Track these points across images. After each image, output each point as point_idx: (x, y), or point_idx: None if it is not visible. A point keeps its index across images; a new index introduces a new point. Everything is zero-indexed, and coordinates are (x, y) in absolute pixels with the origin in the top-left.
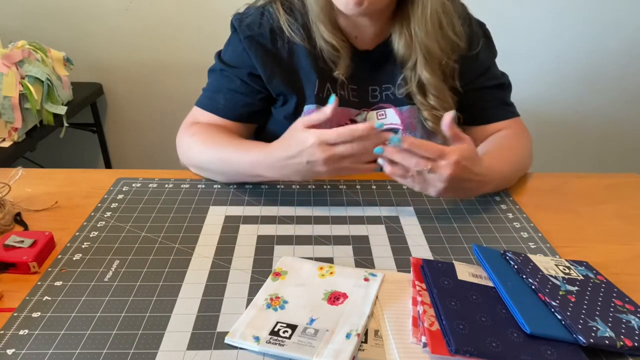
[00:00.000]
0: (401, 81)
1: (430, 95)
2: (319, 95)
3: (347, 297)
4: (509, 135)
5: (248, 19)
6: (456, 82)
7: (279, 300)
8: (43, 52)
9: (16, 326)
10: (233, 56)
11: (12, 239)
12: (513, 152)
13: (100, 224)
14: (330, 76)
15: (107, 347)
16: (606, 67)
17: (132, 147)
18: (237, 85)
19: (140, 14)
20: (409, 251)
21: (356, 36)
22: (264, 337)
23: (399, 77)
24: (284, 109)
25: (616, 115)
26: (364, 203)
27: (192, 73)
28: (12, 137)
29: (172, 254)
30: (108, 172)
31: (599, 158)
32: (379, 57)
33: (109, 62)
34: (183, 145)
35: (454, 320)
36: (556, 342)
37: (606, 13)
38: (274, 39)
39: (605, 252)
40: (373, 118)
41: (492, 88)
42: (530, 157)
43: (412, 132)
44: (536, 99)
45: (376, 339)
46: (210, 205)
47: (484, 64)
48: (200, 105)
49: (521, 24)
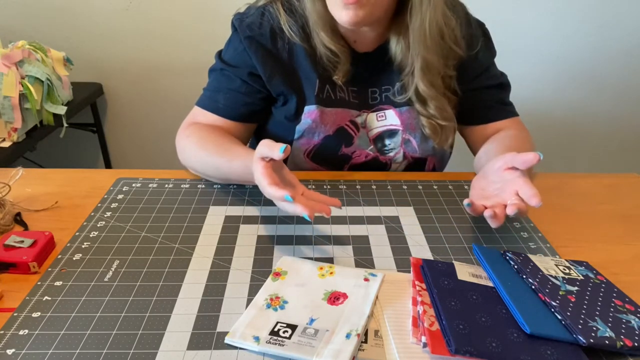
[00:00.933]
0: (400, 88)
1: (430, 104)
2: (319, 96)
3: (347, 297)
4: (513, 135)
5: (248, 19)
6: (455, 84)
7: (279, 300)
8: (43, 52)
9: (16, 326)
10: (233, 56)
11: (12, 239)
12: (525, 147)
13: (100, 224)
14: (330, 77)
15: (107, 347)
16: (606, 67)
17: (132, 147)
18: (238, 85)
19: (140, 14)
20: (409, 251)
21: (355, 40)
22: (264, 337)
23: (398, 83)
24: (285, 109)
25: (616, 115)
26: (364, 203)
27: (192, 73)
28: (12, 137)
29: (172, 254)
30: (108, 172)
31: (599, 158)
32: (378, 60)
33: (109, 62)
34: (179, 145)
35: (454, 320)
36: (556, 342)
37: (606, 13)
38: (274, 39)
39: (605, 252)
40: (373, 120)
41: (491, 88)
42: None
43: (412, 132)
44: (536, 98)
45: (376, 339)
46: (210, 205)
47: (483, 64)
48: (200, 105)
49: (521, 23)
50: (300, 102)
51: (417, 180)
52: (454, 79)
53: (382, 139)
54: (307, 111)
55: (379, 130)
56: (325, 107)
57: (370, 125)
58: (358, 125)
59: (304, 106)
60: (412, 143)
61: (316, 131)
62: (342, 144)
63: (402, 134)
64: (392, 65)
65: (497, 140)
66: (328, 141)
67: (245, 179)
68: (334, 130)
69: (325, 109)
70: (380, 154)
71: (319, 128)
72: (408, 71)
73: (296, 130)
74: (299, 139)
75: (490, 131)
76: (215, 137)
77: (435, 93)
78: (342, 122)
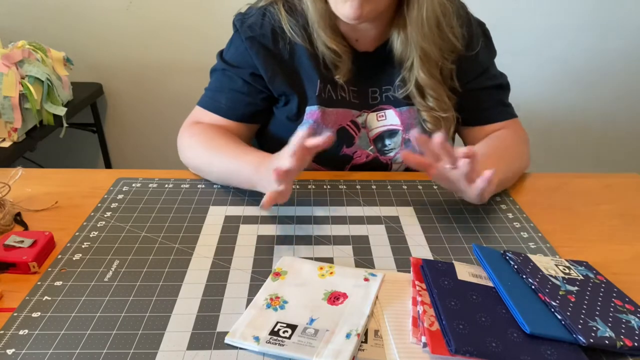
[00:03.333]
0: (400, 82)
1: (429, 97)
2: (320, 96)
3: (347, 297)
4: (504, 135)
5: (250, 20)
6: (455, 82)
7: (279, 300)
8: (43, 52)
9: (16, 326)
10: (235, 56)
11: (12, 239)
12: (508, 153)
13: (100, 224)
14: (332, 77)
15: (107, 347)
16: (606, 67)
17: (132, 147)
18: (239, 85)
19: (140, 14)
20: (409, 251)
21: (357, 39)
22: (264, 337)
23: (398, 77)
24: (286, 109)
25: (616, 115)
26: (364, 203)
27: (192, 73)
28: (12, 137)
29: (172, 254)
30: (108, 172)
31: (599, 158)
32: (379, 59)
33: (109, 62)
34: (182, 144)
35: (454, 320)
36: (556, 342)
37: (607, 13)
38: (276, 39)
39: (605, 252)
40: (373, 120)
41: (490, 88)
42: (526, 158)
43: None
44: (536, 99)
45: (376, 339)
46: (210, 205)
47: (483, 64)
48: (202, 105)
49: (521, 24)
50: (302, 102)
51: (417, 180)
52: (454, 73)
53: (382, 139)
54: (309, 111)
55: (379, 131)
56: (326, 107)
57: (371, 125)
58: (359, 126)
59: (305, 106)
60: (412, 143)
61: (317, 131)
62: (344, 144)
63: (402, 134)
64: (392, 63)
65: (485, 141)
66: None
67: (249, 181)
68: (335, 131)
69: (327, 109)
70: (381, 154)
71: (320, 128)
72: (408, 64)
73: (297, 130)
74: None
75: (488, 132)
76: (223, 139)
77: (434, 83)
78: (343, 122)
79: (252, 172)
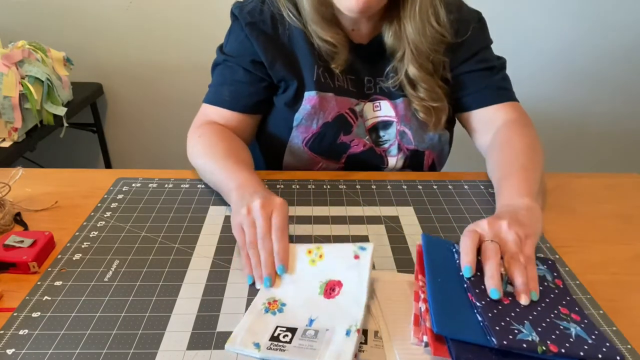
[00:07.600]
0: (391, 72)
1: (419, 87)
2: (318, 82)
3: (341, 285)
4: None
5: (249, 7)
6: (447, 72)
7: (277, 303)
8: (43, 52)
9: (16, 326)
10: (235, 45)
11: (12, 239)
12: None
13: (100, 224)
14: (329, 65)
15: (107, 347)
16: (607, 66)
17: (132, 147)
18: (241, 75)
19: (140, 14)
20: (409, 251)
21: (353, 29)
22: (265, 344)
23: (389, 67)
24: (285, 96)
25: (617, 115)
26: (364, 203)
27: (192, 73)
28: (12, 137)
29: (172, 254)
30: (108, 172)
31: (599, 158)
32: (373, 51)
33: (109, 62)
34: (190, 144)
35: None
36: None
37: (607, 13)
38: (275, 25)
39: (605, 252)
40: (369, 110)
41: (480, 71)
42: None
43: (407, 124)
44: (536, 98)
45: (376, 340)
46: (210, 205)
47: (473, 48)
48: (207, 101)
49: (522, 23)
50: (300, 88)
51: (417, 180)
52: (446, 64)
53: (377, 130)
54: (307, 97)
55: (374, 121)
56: (325, 93)
57: (367, 115)
58: (357, 114)
59: (303, 92)
60: (407, 135)
61: (315, 118)
62: (341, 131)
63: (397, 126)
64: (384, 55)
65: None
66: (327, 128)
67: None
68: (333, 117)
69: (325, 95)
70: (376, 145)
71: (317, 115)
72: (399, 55)
73: (295, 117)
74: (298, 127)
75: (482, 116)
76: (226, 144)
77: (425, 76)
78: (342, 109)
79: (231, 189)
